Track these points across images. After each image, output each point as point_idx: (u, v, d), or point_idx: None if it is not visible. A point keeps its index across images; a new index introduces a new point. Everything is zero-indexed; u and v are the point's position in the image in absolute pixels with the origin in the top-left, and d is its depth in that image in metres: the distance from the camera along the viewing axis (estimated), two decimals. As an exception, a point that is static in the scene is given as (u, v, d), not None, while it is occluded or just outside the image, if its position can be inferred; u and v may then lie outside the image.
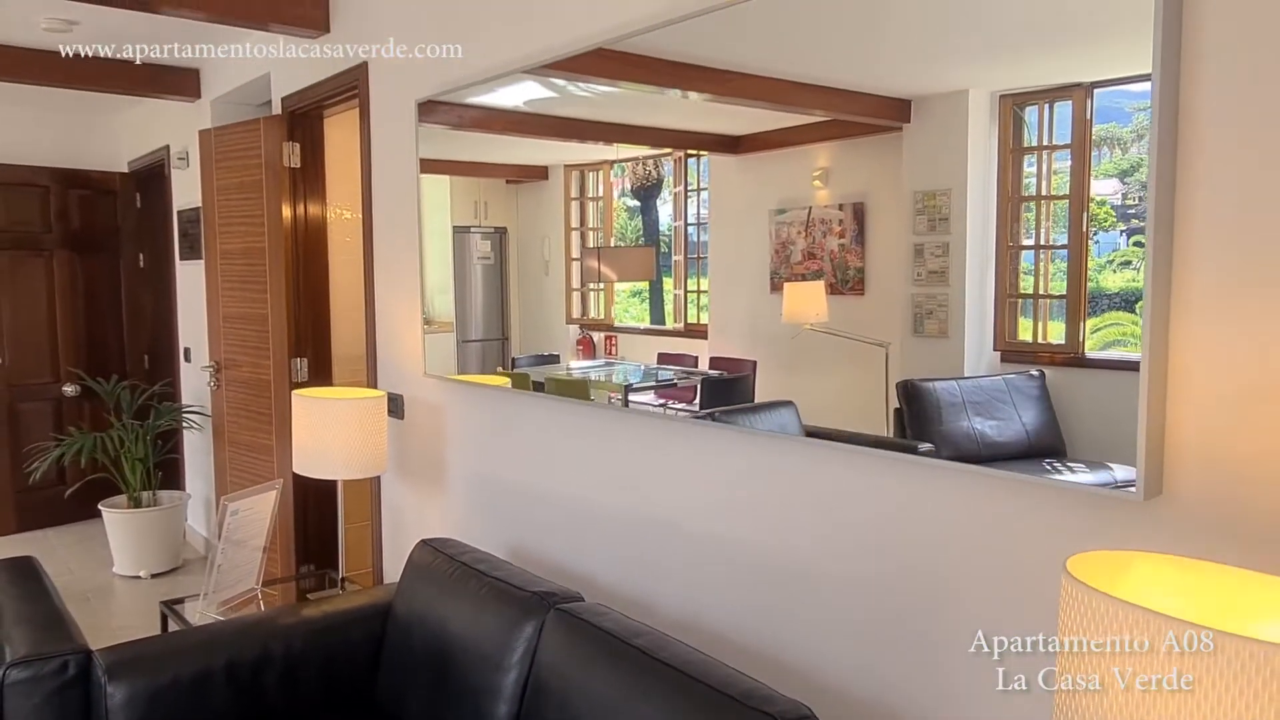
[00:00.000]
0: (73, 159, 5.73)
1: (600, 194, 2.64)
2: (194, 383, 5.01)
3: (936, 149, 1.70)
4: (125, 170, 5.81)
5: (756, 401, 2.00)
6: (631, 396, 2.45)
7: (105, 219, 5.73)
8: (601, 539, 2.30)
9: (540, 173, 2.75)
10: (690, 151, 2.33)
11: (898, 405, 1.66)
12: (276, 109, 3.80)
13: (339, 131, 3.89)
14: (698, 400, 2.27)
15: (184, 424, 4.85)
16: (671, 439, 2.10)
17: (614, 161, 2.61)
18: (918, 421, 1.65)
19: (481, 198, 2.96)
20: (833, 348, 1.91)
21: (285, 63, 3.71)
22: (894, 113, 1.73)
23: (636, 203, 2.57)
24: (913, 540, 1.62)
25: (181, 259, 5.06)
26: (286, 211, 3.68)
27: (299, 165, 3.70)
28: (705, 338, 2.26)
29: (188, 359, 5.11)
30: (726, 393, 2.16)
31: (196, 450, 5.08)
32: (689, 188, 2.36)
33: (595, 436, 2.33)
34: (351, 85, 3.22)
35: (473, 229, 2.96)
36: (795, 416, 1.88)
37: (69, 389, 5.52)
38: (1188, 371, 1.25)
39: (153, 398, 4.94)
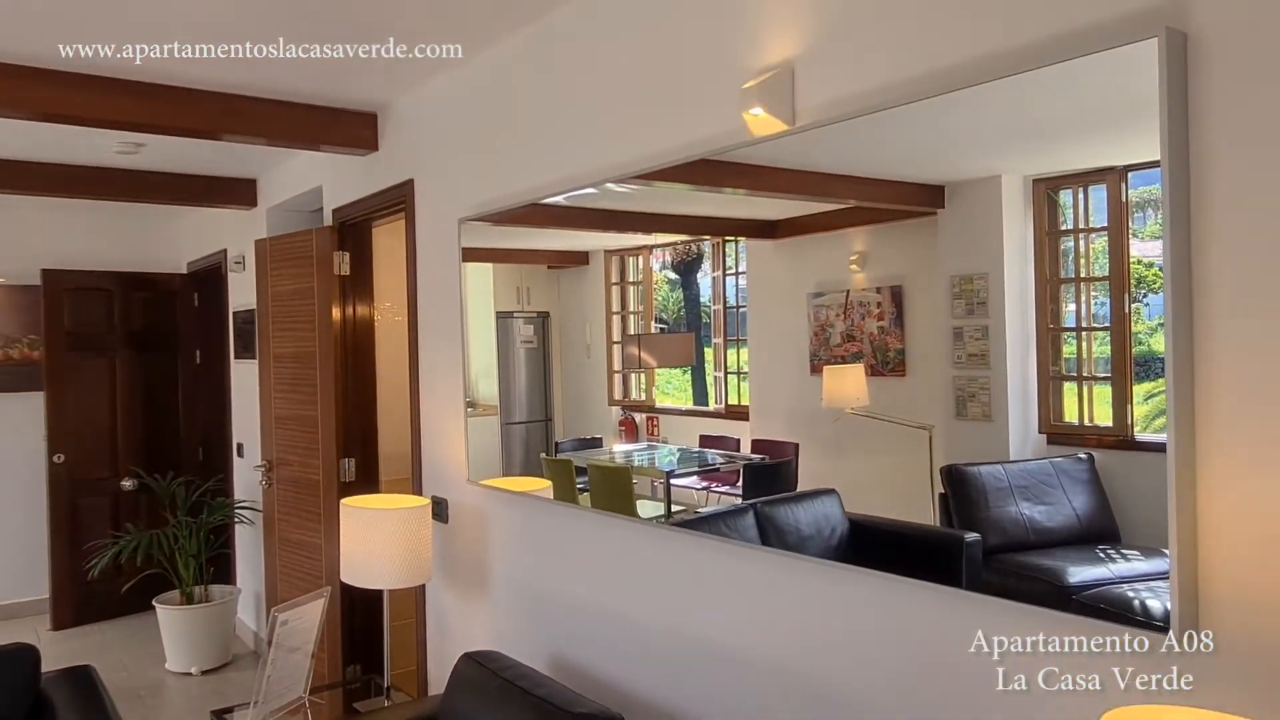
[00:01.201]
0: (136, 262, 6.01)
1: (640, 278, 2.69)
2: (246, 477, 5.11)
3: (972, 234, 1.72)
4: (185, 271, 6.08)
5: (799, 490, 1.99)
6: (674, 480, 2.45)
7: (165, 318, 5.97)
8: (644, 655, 2.28)
9: (581, 258, 2.82)
10: (728, 237, 2.38)
11: (943, 490, 1.64)
12: (328, 219, 3.97)
13: (388, 238, 4.04)
14: (740, 484, 2.26)
15: (236, 519, 4.93)
16: (715, 561, 2.08)
17: (653, 246, 2.67)
18: (964, 507, 1.62)
19: (524, 283, 3.03)
20: (875, 431, 1.90)
21: (337, 176, 3.90)
22: (928, 199, 1.76)
23: (678, 276, 2.61)
24: (951, 672, 1.56)
25: (236, 357, 5.23)
26: (336, 316, 3.81)
27: (348, 273, 3.84)
28: (747, 419, 2.26)
29: (240, 454, 5.22)
30: (769, 478, 2.14)
31: (248, 544, 5.14)
32: (727, 270, 2.40)
33: (635, 551, 2.33)
34: (399, 200, 3.37)
35: (516, 314, 3.02)
36: (838, 505, 1.86)
37: (127, 483, 5.66)
38: (1221, 515, 1.23)
39: (206, 493, 5.04)
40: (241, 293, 5.09)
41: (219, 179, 4.75)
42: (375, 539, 2.73)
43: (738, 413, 2.32)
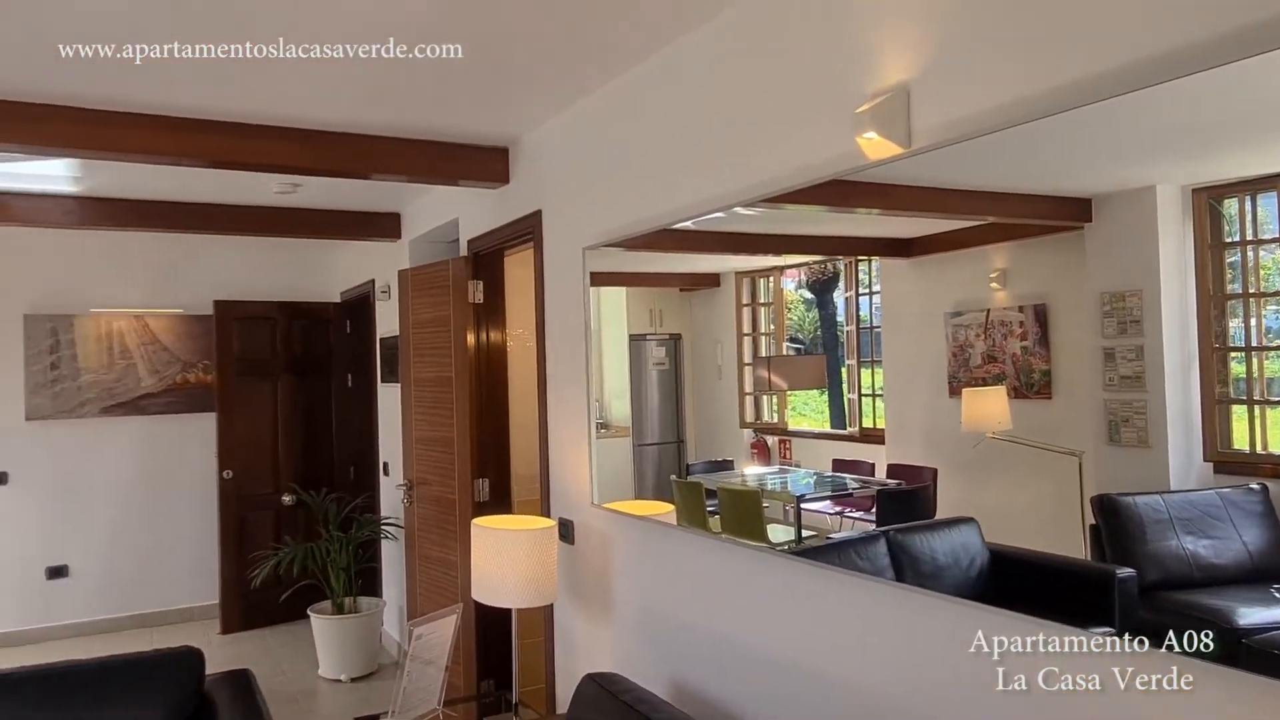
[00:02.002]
0: (295, 293, 6.48)
1: (771, 299, 2.67)
2: (391, 495, 5.37)
3: (1123, 248, 1.62)
4: (338, 300, 6.48)
5: (936, 518, 1.91)
6: (805, 505, 2.40)
7: (320, 344, 6.37)
8: (763, 686, 2.25)
9: (712, 280, 2.82)
10: (860, 256, 2.33)
11: (1094, 522, 1.54)
12: (464, 249, 4.14)
13: (519, 267, 4.18)
14: (874, 511, 2.18)
15: (382, 535, 5.18)
16: (845, 597, 2.02)
17: (784, 267, 2.64)
18: (1118, 540, 1.51)
19: (656, 306, 3.05)
20: (1019, 456, 1.80)
21: (472, 209, 4.08)
22: (1073, 212, 1.67)
23: (813, 296, 2.57)
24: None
25: (382, 381, 5.52)
26: (471, 342, 3.96)
27: (482, 301, 3.98)
28: (882, 443, 2.19)
29: (386, 473, 5.49)
30: (904, 505, 2.07)
31: (392, 559, 5.39)
32: (860, 290, 2.34)
33: (756, 578, 2.30)
34: (528, 230, 3.49)
35: (648, 336, 3.05)
36: (978, 535, 1.78)
37: (287, 499, 6.06)
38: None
39: (355, 510, 5.33)
40: (387, 320, 5.37)
41: (367, 214, 5.05)
42: (503, 559, 2.80)
43: (873, 436, 2.26)
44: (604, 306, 3.12)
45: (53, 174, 3.98)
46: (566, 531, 3.18)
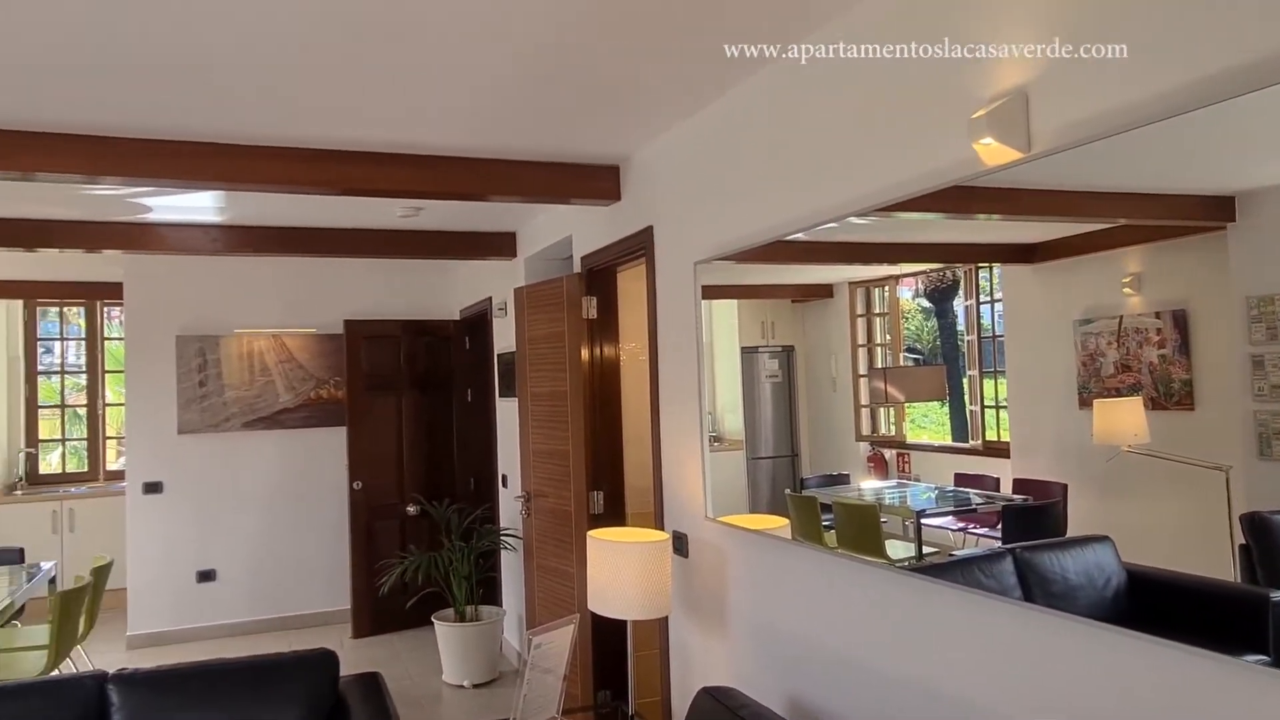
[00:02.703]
0: (417, 311, 6.77)
1: (887, 308, 2.61)
2: (510, 506, 5.52)
3: (1272, 248, 1.51)
4: (458, 317, 6.71)
5: (1067, 536, 1.82)
6: (925, 520, 2.33)
7: (441, 360, 6.62)
8: (884, 706, 2.20)
9: (825, 291, 2.78)
10: (981, 263, 2.26)
11: (1244, 541, 1.44)
12: (577, 266, 4.23)
13: (631, 282, 4.24)
14: (999, 527, 2.10)
15: (501, 545, 5.32)
16: (970, 616, 1.96)
17: (899, 276, 2.58)
18: (1272, 561, 1.41)
19: (768, 318, 3.03)
20: (1157, 471, 1.70)
21: (584, 226, 4.16)
22: (1213, 212, 1.58)
23: (932, 305, 2.50)
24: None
25: (500, 395, 5.68)
26: (585, 357, 4.03)
27: (596, 316, 4.05)
28: (1006, 456, 2.11)
29: (505, 485, 5.64)
30: (1032, 521, 1.98)
31: (512, 569, 5.53)
32: (981, 298, 2.27)
33: (873, 595, 2.26)
34: (640, 246, 3.53)
35: (760, 348, 3.03)
36: (1113, 554, 1.68)
37: (411, 509, 6.32)
38: None
39: (476, 520, 5.50)
40: (504, 337, 5.54)
41: (484, 234, 5.23)
42: (618, 571, 2.83)
43: (996, 449, 2.18)
44: (715, 319, 3.13)
45: (201, 205, 4.30)
46: (680, 545, 3.19)
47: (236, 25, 2.21)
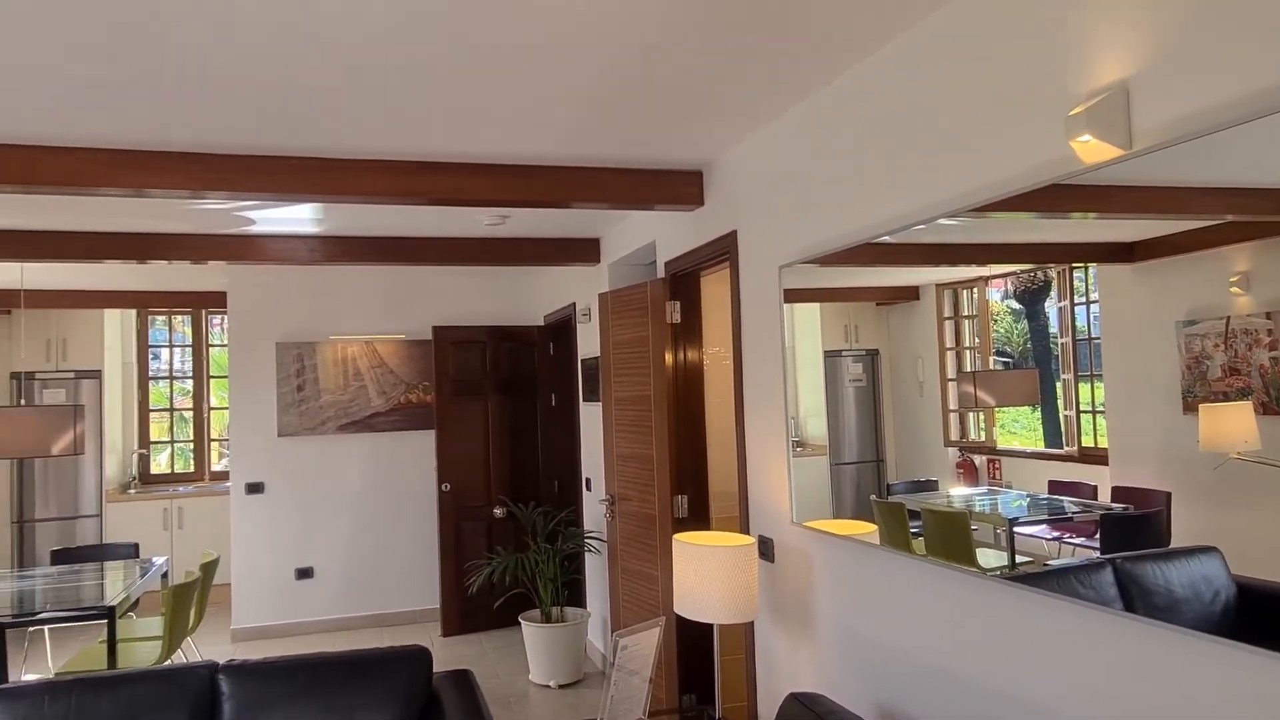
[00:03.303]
0: (503, 317, 6.92)
1: (976, 311, 2.56)
2: (594, 510, 5.58)
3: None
4: (541, 324, 6.83)
5: (1170, 546, 1.75)
6: (1018, 529, 2.27)
7: (526, 366, 6.74)
8: (975, 718, 2.14)
9: (911, 293, 2.74)
10: (1075, 263, 2.19)
11: (1369, 554, 1.37)
12: (660, 272, 4.26)
13: (713, 287, 4.25)
14: (1097, 537, 2.04)
15: (586, 548, 5.38)
16: (1069, 627, 1.91)
17: (988, 278, 2.52)
18: (1397, 575, 1.33)
19: (851, 321, 3.00)
20: (1271, 479, 1.63)
21: (668, 232, 4.19)
22: (1331, 204, 1.50)
23: (1022, 307, 2.44)
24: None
25: (584, 400, 5.75)
26: (669, 361, 4.06)
27: (679, 321, 4.08)
28: (1104, 463, 2.04)
29: (589, 488, 5.71)
30: (1133, 531, 1.91)
31: (595, 572, 5.59)
32: (1076, 299, 2.20)
33: (966, 603, 2.22)
34: (723, 250, 3.54)
35: (844, 352, 3.00)
36: (1222, 566, 1.61)
37: (498, 511, 6.46)
38: None
39: (561, 523, 5.58)
40: (588, 342, 5.61)
41: (569, 240, 5.31)
42: (704, 574, 2.85)
43: (1093, 456, 2.11)
44: (798, 323, 3.11)
45: (300, 217, 4.49)
46: (766, 549, 3.18)
47: (336, 51, 2.31)
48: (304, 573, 6.53)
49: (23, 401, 7.33)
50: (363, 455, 6.68)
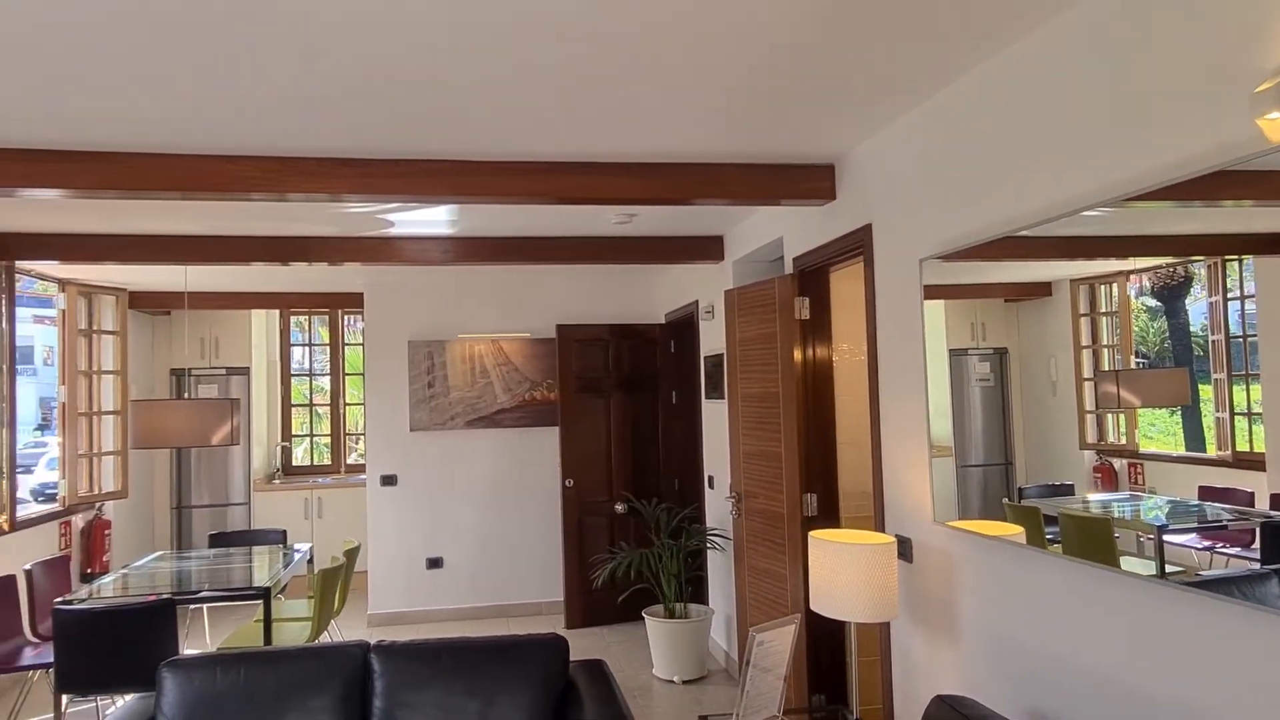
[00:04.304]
0: (624, 315, 7.01)
1: (1116, 307, 2.43)
2: (716, 508, 5.59)
3: None
4: (662, 321, 6.88)
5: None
6: (1166, 537, 2.14)
7: (647, 363, 6.80)
8: None
9: (1043, 289, 2.63)
10: (1228, 256, 2.05)
11: None
12: (788, 267, 4.23)
13: (843, 282, 4.19)
14: (1256, 547, 1.90)
15: (709, 545, 5.39)
16: (1244, 635, 1.80)
17: (1129, 272, 2.40)
18: None
19: (978, 319, 2.91)
20: None
21: (796, 227, 4.15)
22: None
23: (1159, 304, 2.31)
24: None
25: (706, 397, 5.75)
26: (798, 358, 4.02)
27: (808, 317, 4.03)
28: (1262, 469, 1.90)
29: (711, 486, 5.71)
30: (1299, 540, 1.77)
31: (718, 569, 5.59)
32: (1228, 294, 2.06)
33: (1127, 609, 2.11)
34: (857, 245, 3.48)
35: (970, 351, 2.91)
36: None
37: (619, 507, 6.54)
38: None
39: (684, 520, 5.61)
40: (710, 339, 5.61)
41: (693, 238, 5.33)
42: (843, 572, 2.81)
43: (1248, 461, 1.97)
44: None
45: (436, 219, 4.67)
46: (904, 549, 3.12)
47: (475, 58, 2.40)
48: (434, 562, 6.78)
49: (186, 395, 7.90)
50: (489, 451, 6.89)
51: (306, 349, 9.01)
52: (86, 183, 3.23)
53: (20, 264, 5.46)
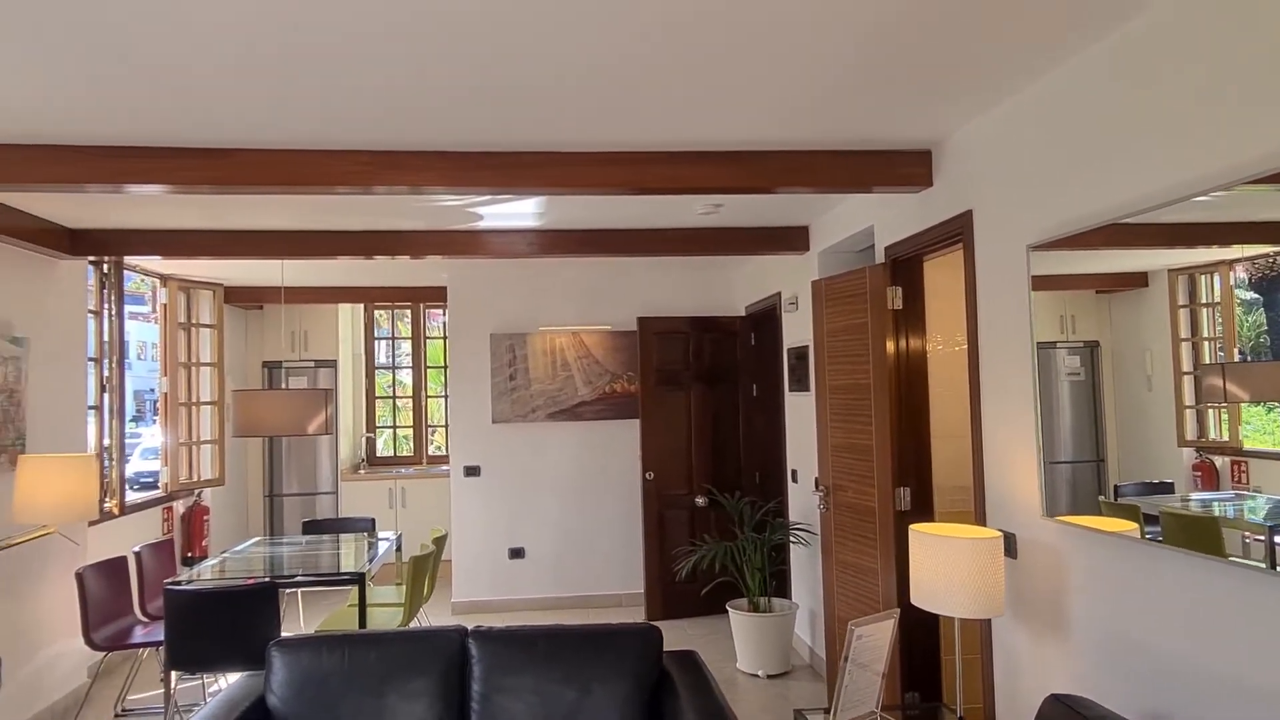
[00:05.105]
0: (704, 308, 6.98)
1: (1219, 298, 2.31)
2: (800, 502, 5.52)
3: None
4: (742, 314, 6.83)
5: None
6: (1278, 538, 2.02)
7: (727, 356, 6.76)
8: None
9: (1138, 280, 2.51)
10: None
11: None
12: (879, 257, 4.14)
13: (936, 271, 4.08)
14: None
15: (792, 539, 5.33)
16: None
17: (1234, 261, 2.27)
18: None
19: (1067, 311, 2.80)
20: None
21: (888, 215, 4.06)
22: None
23: (1257, 296, 2.18)
24: None
25: (790, 390, 5.69)
26: (890, 349, 3.93)
27: (901, 307, 3.94)
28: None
29: (795, 480, 5.65)
30: None
31: (802, 564, 5.53)
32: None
33: (1259, 613, 1.99)
34: (956, 232, 3.39)
35: (1058, 344, 2.81)
36: None
37: (700, 500, 6.52)
38: None
39: (768, 513, 5.56)
40: (794, 331, 5.54)
41: (777, 229, 5.27)
42: (947, 567, 2.74)
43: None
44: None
45: (522, 212, 4.71)
46: (1008, 545, 3.02)
47: (584, 47, 2.40)
48: (516, 552, 6.87)
49: (286, 385, 8.16)
50: (570, 443, 6.94)
51: (390, 342, 9.22)
52: (196, 178, 3.34)
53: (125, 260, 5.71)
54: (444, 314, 9.13)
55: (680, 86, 2.80)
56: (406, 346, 9.21)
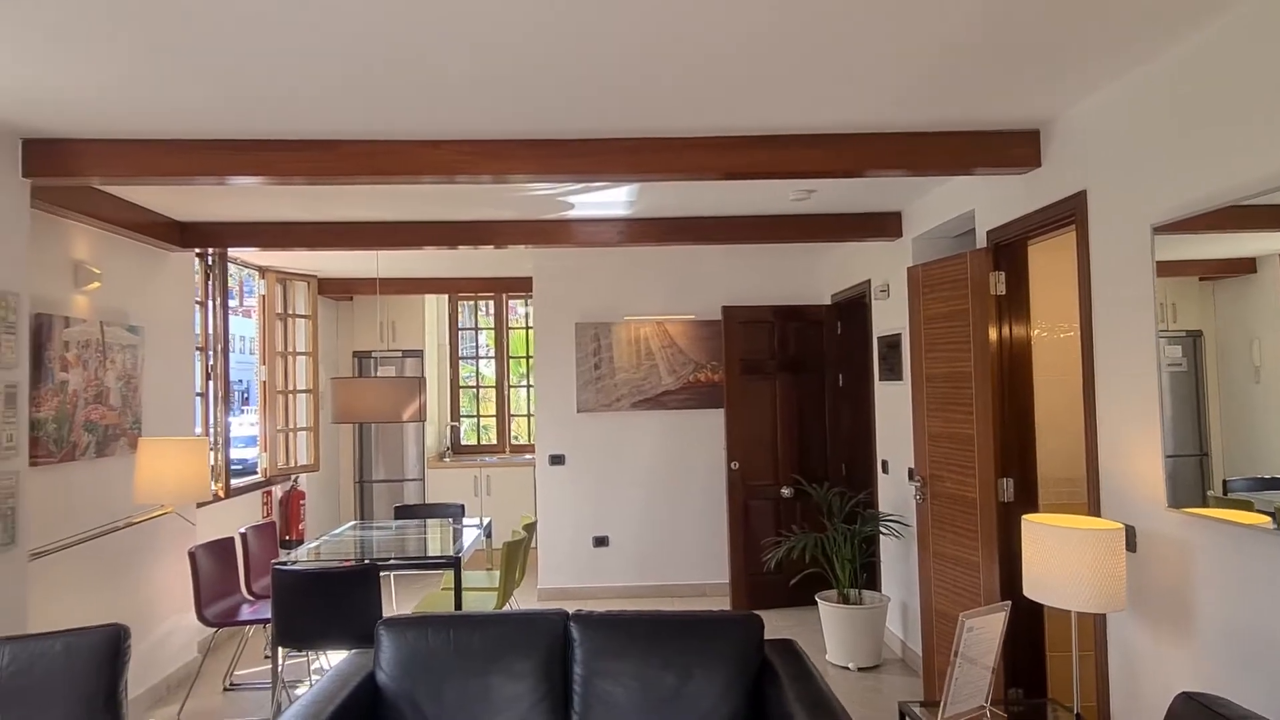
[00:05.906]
0: (789, 296, 6.90)
1: None
2: (890, 493, 5.41)
3: None
4: (828, 303, 6.72)
5: None
6: None
7: (812, 345, 6.68)
8: None
9: (1245, 265, 2.37)
10: None
11: None
12: (980, 242, 4.02)
13: (1040, 255, 3.95)
14: None
15: (883, 531, 5.23)
16: None
17: None
18: None
19: (1168, 299, 2.67)
20: None
21: (991, 198, 3.93)
22: None
23: None
24: None
25: (880, 379, 5.58)
26: (993, 336, 3.81)
27: (1004, 293, 3.82)
28: None
29: (885, 471, 5.54)
30: None
31: (893, 556, 5.42)
32: None
33: None
34: (1066, 214, 3.27)
35: (1159, 333, 2.69)
36: None
37: (786, 491, 6.46)
38: None
39: (858, 505, 5.47)
40: (885, 320, 5.43)
41: (868, 215, 5.17)
42: (1064, 558, 2.65)
43: None
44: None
45: (613, 200, 4.72)
46: (1128, 537, 2.90)
47: (663, 32, 2.38)
48: (600, 541, 6.91)
49: (376, 374, 8.38)
50: (654, 432, 6.95)
51: (473, 332, 9.38)
52: (298, 169, 3.43)
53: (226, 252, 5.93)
54: (525, 304, 9.24)
55: (787, 70, 2.75)
56: (484, 338, 9.35)
